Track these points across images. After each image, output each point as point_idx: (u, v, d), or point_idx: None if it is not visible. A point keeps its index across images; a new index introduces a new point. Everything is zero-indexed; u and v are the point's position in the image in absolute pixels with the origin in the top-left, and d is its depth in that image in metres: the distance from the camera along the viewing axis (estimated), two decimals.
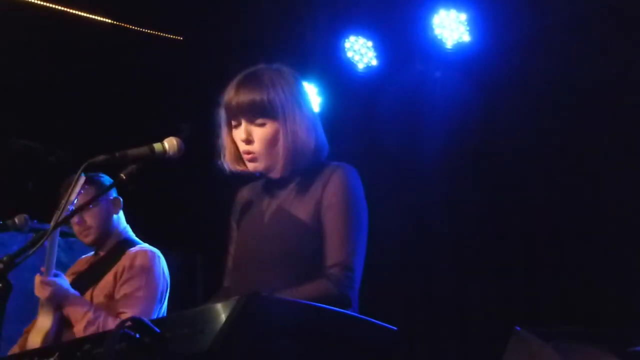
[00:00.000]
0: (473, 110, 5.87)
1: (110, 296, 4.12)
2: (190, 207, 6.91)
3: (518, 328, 3.74)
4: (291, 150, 3.01)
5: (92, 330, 3.88)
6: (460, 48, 5.95)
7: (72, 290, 4.03)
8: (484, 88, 5.84)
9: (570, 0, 5.47)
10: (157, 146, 2.90)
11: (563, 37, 5.51)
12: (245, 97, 3.00)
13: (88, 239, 4.25)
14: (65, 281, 4.05)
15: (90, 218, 4.23)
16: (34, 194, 4.24)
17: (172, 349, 1.99)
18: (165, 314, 4.28)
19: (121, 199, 4.35)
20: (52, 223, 3.40)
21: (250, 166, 3.08)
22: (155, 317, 4.14)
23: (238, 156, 3.11)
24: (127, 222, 4.44)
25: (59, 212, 3.97)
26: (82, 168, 2.82)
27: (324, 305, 2.21)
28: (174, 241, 7.13)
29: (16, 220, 4.14)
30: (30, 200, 4.22)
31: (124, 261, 4.20)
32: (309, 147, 3.05)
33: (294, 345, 2.05)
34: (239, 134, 3.04)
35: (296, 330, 2.08)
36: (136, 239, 4.40)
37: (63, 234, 4.57)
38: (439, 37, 5.96)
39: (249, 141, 3.02)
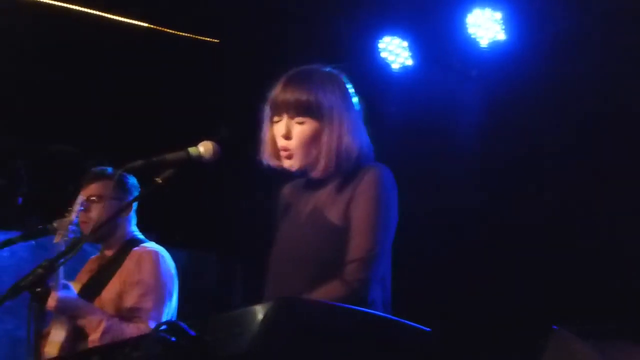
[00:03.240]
0: (509, 109, 5.85)
1: (119, 300, 4.14)
2: (231, 211, 6.93)
3: (555, 327, 3.73)
4: (335, 153, 3.02)
5: (108, 338, 3.90)
6: (495, 47, 5.93)
7: (81, 300, 4.06)
8: (519, 87, 5.82)
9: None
10: (193, 150, 2.92)
11: (597, 34, 5.48)
12: (292, 94, 3.03)
13: (86, 230, 4.21)
14: (73, 292, 4.08)
15: (94, 211, 4.24)
16: (72, 198, 4.27)
17: (209, 352, 2.01)
18: (175, 311, 4.30)
19: (134, 204, 4.32)
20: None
21: (286, 163, 3.09)
22: (165, 315, 4.18)
23: (276, 152, 3.12)
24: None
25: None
26: (120, 171, 2.86)
27: (357, 308, 2.22)
28: (214, 245, 7.19)
29: (56, 223, 4.17)
30: (68, 204, 4.25)
31: (129, 263, 4.21)
32: (353, 152, 3.05)
33: (328, 347, 2.06)
34: (279, 128, 3.06)
35: (330, 332, 2.09)
36: (142, 237, 4.40)
37: None
38: (473, 36, 5.95)
39: (287, 137, 3.04)
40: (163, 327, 2.00)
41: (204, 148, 2.93)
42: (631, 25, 5.28)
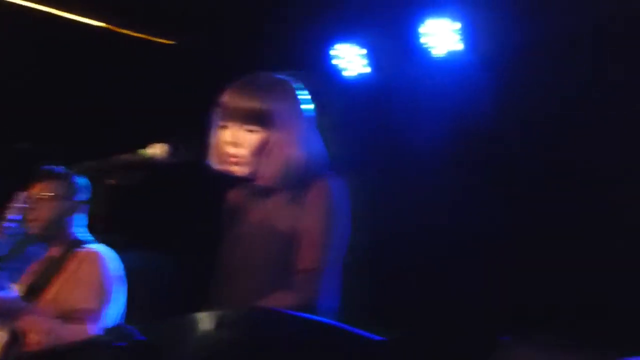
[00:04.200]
0: (464, 117, 5.88)
1: (61, 302, 4.06)
2: (181, 212, 6.89)
3: (503, 338, 3.76)
4: (283, 162, 3.00)
5: (49, 339, 3.81)
6: (451, 57, 5.96)
7: (21, 301, 3.99)
8: (474, 96, 5.85)
9: (560, 16, 5.50)
10: (145, 152, 2.89)
11: (554, 47, 5.55)
12: (242, 102, 3.00)
13: (33, 230, 4.16)
14: (13, 292, 4.02)
15: (42, 210, 4.16)
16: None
17: (158, 357, 1.98)
18: (123, 314, 4.24)
19: (85, 205, 4.28)
20: None
21: (234, 169, 3.06)
22: (110, 319, 4.11)
23: (224, 157, 3.08)
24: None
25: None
26: (72, 171, 2.83)
27: (310, 316, 2.20)
28: (165, 247, 7.13)
29: None
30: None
31: (72, 264, 4.14)
32: (301, 161, 3.02)
33: (279, 355, 2.04)
34: (226, 135, 3.03)
35: (282, 340, 2.07)
36: (87, 238, 4.32)
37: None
38: (429, 46, 5.97)
39: (235, 145, 3.01)
40: (112, 331, 1.98)
41: (158, 150, 2.90)
42: (588, 38, 5.36)
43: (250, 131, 3.00)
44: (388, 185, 6.16)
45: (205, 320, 1.98)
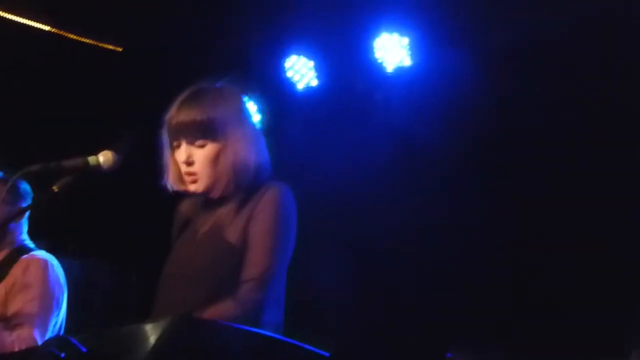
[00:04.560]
0: (412, 132, 5.91)
1: (2, 308, 3.98)
2: (128, 220, 6.82)
3: (449, 355, 3.78)
4: (231, 170, 2.98)
5: None
6: (401, 72, 5.98)
7: None
8: (423, 111, 5.88)
9: (508, 26, 5.57)
10: (91, 159, 2.83)
11: (501, 60, 5.62)
12: (185, 117, 2.98)
13: None
14: None
15: None
16: None
17: None
18: (64, 322, 4.18)
19: (26, 211, 4.22)
20: None
21: (192, 187, 3.03)
22: (52, 326, 4.05)
23: (181, 177, 3.07)
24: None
25: None
26: (15, 176, 2.77)
27: (251, 328, 2.18)
28: (109, 254, 7.05)
29: None
30: None
31: (16, 270, 4.05)
32: (249, 166, 3.01)
33: None
34: (180, 155, 3.01)
35: (222, 353, 2.05)
36: (31, 245, 4.24)
37: None
38: (380, 61, 5.99)
39: (189, 163, 2.99)
40: (52, 341, 1.94)
41: (104, 157, 2.85)
42: (534, 52, 5.47)
43: (201, 146, 2.98)
44: (330, 195, 6.15)
45: (147, 331, 1.95)
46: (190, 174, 3.00)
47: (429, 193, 5.89)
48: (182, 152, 3.00)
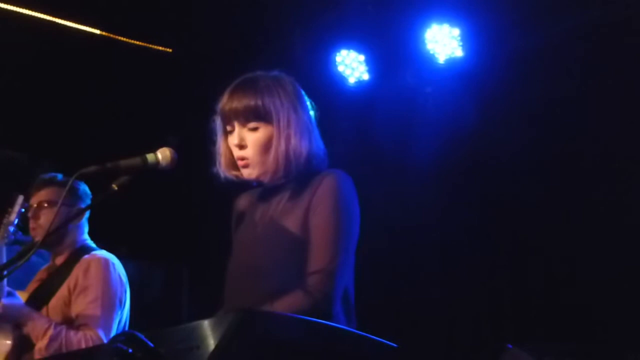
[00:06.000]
0: (464, 125, 5.85)
1: (67, 308, 4.05)
2: (180, 218, 6.86)
3: (510, 346, 3.72)
4: (284, 155, 2.96)
5: (55, 346, 3.82)
6: (452, 63, 5.93)
7: (27, 308, 3.97)
8: (475, 103, 5.82)
9: (559, 17, 5.48)
10: (150, 157, 2.84)
11: (554, 53, 5.52)
12: (238, 101, 2.97)
13: (36, 237, 4.15)
14: (18, 299, 3.99)
15: (44, 217, 4.17)
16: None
17: None
18: (127, 319, 4.22)
19: (85, 212, 4.27)
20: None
21: (245, 172, 3.02)
22: (116, 324, 4.10)
23: (233, 162, 3.06)
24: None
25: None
26: (73, 178, 2.78)
27: (321, 321, 2.16)
28: (161, 253, 7.10)
29: None
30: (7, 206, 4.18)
31: (78, 270, 4.12)
32: (302, 153, 2.98)
33: None
34: (232, 138, 3.00)
35: (292, 346, 2.03)
36: (93, 245, 4.31)
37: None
38: (431, 52, 5.94)
39: (241, 146, 2.98)
40: (121, 337, 1.93)
41: (162, 155, 2.85)
42: (588, 43, 5.33)
43: (254, 130, 2.97)
44: (381, 190, 6.12)
45: (212, 327, 1.94)
46: (242, 158, 2.99)
47: (485, 185, 5.83)
48: (235, 136, 2.99)
